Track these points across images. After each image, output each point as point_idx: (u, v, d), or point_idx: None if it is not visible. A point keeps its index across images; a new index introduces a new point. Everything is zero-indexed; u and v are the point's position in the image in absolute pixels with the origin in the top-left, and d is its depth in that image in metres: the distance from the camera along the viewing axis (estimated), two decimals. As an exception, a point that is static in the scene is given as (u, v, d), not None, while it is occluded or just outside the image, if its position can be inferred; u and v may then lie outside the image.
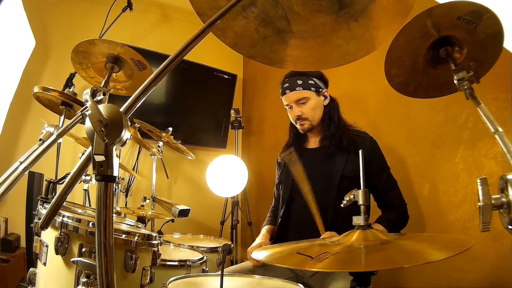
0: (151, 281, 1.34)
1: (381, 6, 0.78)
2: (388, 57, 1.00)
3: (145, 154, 3.11)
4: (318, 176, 1.62)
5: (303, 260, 0.77)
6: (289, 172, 1.73)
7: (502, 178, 0.64)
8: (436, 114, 1.76)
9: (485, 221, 0.64)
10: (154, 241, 1.32)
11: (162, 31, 3.38)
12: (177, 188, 3.37)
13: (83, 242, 1.13)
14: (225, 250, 1.03)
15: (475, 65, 0.88)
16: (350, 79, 2.29)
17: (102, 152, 0.51)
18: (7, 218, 2.51)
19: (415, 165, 1.87)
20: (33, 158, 1.04)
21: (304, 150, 1.75)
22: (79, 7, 2.98)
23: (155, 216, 2.17)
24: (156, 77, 0.58)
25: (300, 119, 1.67)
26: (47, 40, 2.84)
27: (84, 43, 1.33)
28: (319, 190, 1.59)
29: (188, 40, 0.59)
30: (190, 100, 3.41)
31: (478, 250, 1.48)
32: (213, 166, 2.54)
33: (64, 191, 0.56)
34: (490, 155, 1.51)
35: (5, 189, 1.01)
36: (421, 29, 0.92)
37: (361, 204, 0.89)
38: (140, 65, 1.39)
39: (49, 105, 1.56)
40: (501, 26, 0.87)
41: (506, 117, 1.40)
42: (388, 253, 0.78)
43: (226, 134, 3.52)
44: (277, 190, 1.84)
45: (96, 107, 0.51)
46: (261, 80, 3.57)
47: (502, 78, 1.38)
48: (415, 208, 1.78)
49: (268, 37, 0.84)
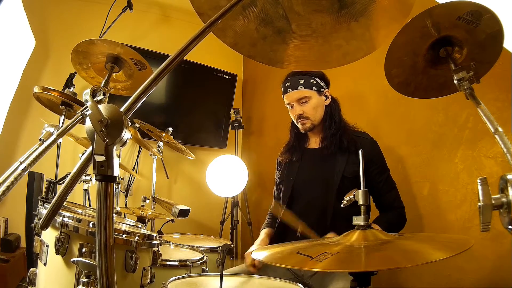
0: (151, 281, 1.34)
1: (382, 6, 0.78)
2: (388, 57, 1.00)
3: (145, 154, 3.11)
4: (319, 177, 1.62)
5: (303, 260, 0.77)
6: (290, 173, 1.72)
7: (502, 178, 0.64)
8: (436, 114, 1.76)
9: (485, 221, 0.64)
10: (154, 241, 1.32)
11: (162, 31, 3.38)
12: (177, 188, 3.37)
13: (83, 242, 1.13)
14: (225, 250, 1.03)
15: (475, 65, 0.88)
16: (350, 79, 2.29)
17: (102, 152, 0.51)
18: (7, 218, 2.51)
19: (415, 165, 1.86)
20: (33, 158, 1.04)
21: (305, 150, 1.75)
22: (79, 7, 2.98)
23: (155, 216, 2.17)
24: (156, 77, 0.58)
25: (301, 118, 1.66)
26: (47, 40, 2.84)
27: (84, 43, 1.32)
28: (320, 190, 1.59)
29: (188, 40, 0.59)
30: (190, 100, 3.41)
31: (478, 250, 1.48)
32: (213, 166, 2.54)
33: (64, 191, 0.56)
34: (490, 155, 1.51)
35: (5, 189, 1.01)
36: (421, 29, 0.92)
37: (361, 204, 0.89)
38: (140, 65, 1.39)
39: (49, 105, 1.56)
40: (501, 26, 0.87)
41: (506, 117, 1.40)
42: (388, 253, 0.78)
43: (226, 134, 3.52)
44: (277, 190, 1.83)
45: (97, 107, 0.51)
46: (261, 80, 3.57)
47: (502, 78, 1.38)
48: (415, 208, 1.78)
49: (268, 37, 0.84)
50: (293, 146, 1.77)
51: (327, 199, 1.55)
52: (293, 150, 1.75)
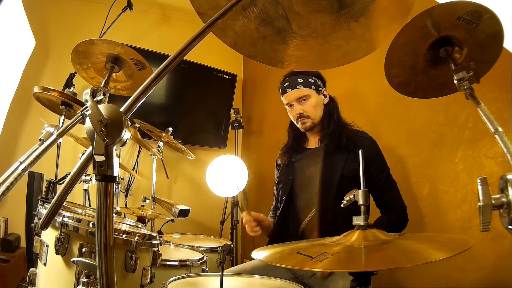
0: (151, 281, 1.34)
1: (381, 6, 0.78)
2: (388, 57, 1.00)
3: (145, 154, 3.11)
4: (317, 176, 1.62)
5: (303, 260, 0.77)
6: (289, 172, 1.73)
7: (502, 178, 0.64)
8: (436, 114, 1.76)
9: (485, 221, 0.64)
10: (154, 241, 1.32)
11: (162, 31, 3.38)
12: (177, 188, 3.37)
13: (83, 242, 1.13)
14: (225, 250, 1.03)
15: (475, 65, 0.88)
16: (350, 79, 2.29)
17: (102, 152, 0.51)
18: (7, 218, 2.51)
19: (415, 165, 1.86)
20: (33, 158, 1.04)
21: (304, 150, 1.75)
22: (79, 7, 2.98)
23: (155, 216, 2.17)
24: (156, 77, 0.58)
25: (301, 117, 1.66)
26: (47, 40, 2.84)
27: (84, 43, 1.32)
28: (318, 190, 1.58)
29: (188, 40, 0.59)
30: (190, 100, 3.41)
31: (478, 250, 1.48)
32: (213, 166, 2.53)
33: (64, 191, 0.56)
34: (490, 155, 1.51)
35: (5, 189, 1.01)
36: (421, 29, 0.92)
37: (361, 204, 0.89)
38: (139, 64, 1.39)
39: (49, 105, 1.56)
40: (501, 26, 0.87)
41: (506, 117, 1.40)
42: (388, 253, 0.78)
43: (226, 134, 3.52)
44: (277, 190, 1.84)
45: (96, 107, 0.51)
46: (261, 80, 3.56)
47: (502, 78, 1.38)
48: (415, 208, 1.78)
49: (268, 36, 0.84)
50: (291, 148, 1.77)
51: (326, 198, 1.55)
52: (292, 152, 1.75)
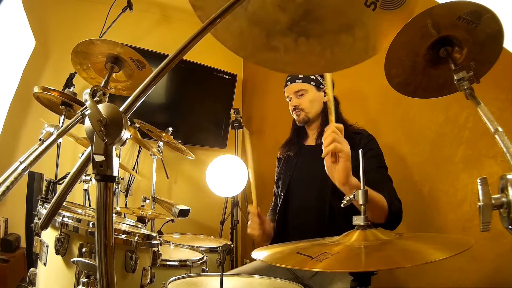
0: (151, 281, 1.34)
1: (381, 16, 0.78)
2: (388, 57, 1.00)
3: (145, 154, 3.11)
4: (315, 173, 1.61)
5: (303, 260, 0.77)
6: (288, 169, 1.74)
7: (502, 178, 0.64)
8: (436, 114, 1.76)
9: (485, 221, 0.64)
10: (154, 241, 1.32)
11: (162, 31, 3.38)
12: (177, 188, 3.37)
13: (83, 242, 1.13)
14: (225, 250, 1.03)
15: (475, 65, 0.88)
16: (350, 79, 2.28)
17: (101, 152, 0.51)
18: (7, 218, 2.51)
19: (415, 165, 1.86)
20: (33, 158, 1.04)
21: (303, 146, 1.76)
22: (79, 7, 2.98)
23: (155, 216, 2.17)
24: (156, 76, 0.58)
25: (296, 109, 1.69)
26: (47, 40, 2.84)
27: (84, 43, 1.32)
28: (316, 187, 1.58)
29: (188, 39, 0.59)
30: (190, 100, 3.41)
31: (478, 250, 1.48)
32: (213, 166, 2.53)
33: (64, 191, 0.56)
34: (490, 155, 1.51)
35: (5, 189, 1.01)
36: (421, 29, 0.92)
37: (361, 204, 0.89)
38: (139, 64, 1.39)
39: (49, 105, 1.56)
40: (501, 26, 0.86)
41: (506, 117, 1.40)
42: (388, 253, 0.77)
43: (226, 134, 3.52)
44: (277, 187, 1.85)
45: (96, 106, 0.51)
46: (261, 80, 3.56)
47: (502, 78, 1.38)
48: (415, 208, 1.78)
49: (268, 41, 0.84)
50: (291, 141, 1.79)
51: (323, 196, 1.55)
52: (291, 145, 1.78)
